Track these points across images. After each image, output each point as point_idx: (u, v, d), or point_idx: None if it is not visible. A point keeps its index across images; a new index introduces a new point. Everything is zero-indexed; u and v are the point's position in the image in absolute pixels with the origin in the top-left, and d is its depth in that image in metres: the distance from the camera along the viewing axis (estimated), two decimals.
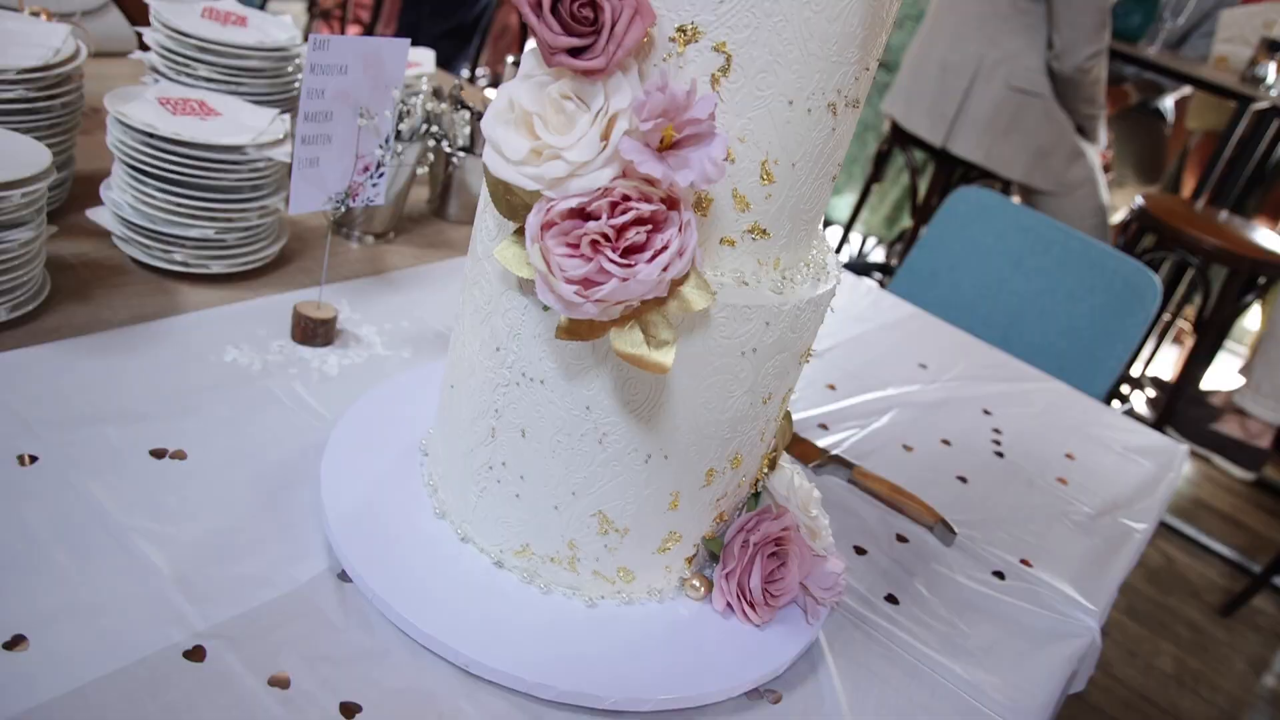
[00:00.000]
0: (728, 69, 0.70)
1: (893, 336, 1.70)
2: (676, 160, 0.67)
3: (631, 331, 0.70)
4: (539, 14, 0.66)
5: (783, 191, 0.76)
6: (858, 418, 1.40)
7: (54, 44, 1.28)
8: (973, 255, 2.34)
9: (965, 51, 3.03)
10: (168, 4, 1.46)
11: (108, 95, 1.23)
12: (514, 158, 0.68)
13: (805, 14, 0.69)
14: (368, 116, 1.09)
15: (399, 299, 1.34)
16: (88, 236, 1.28)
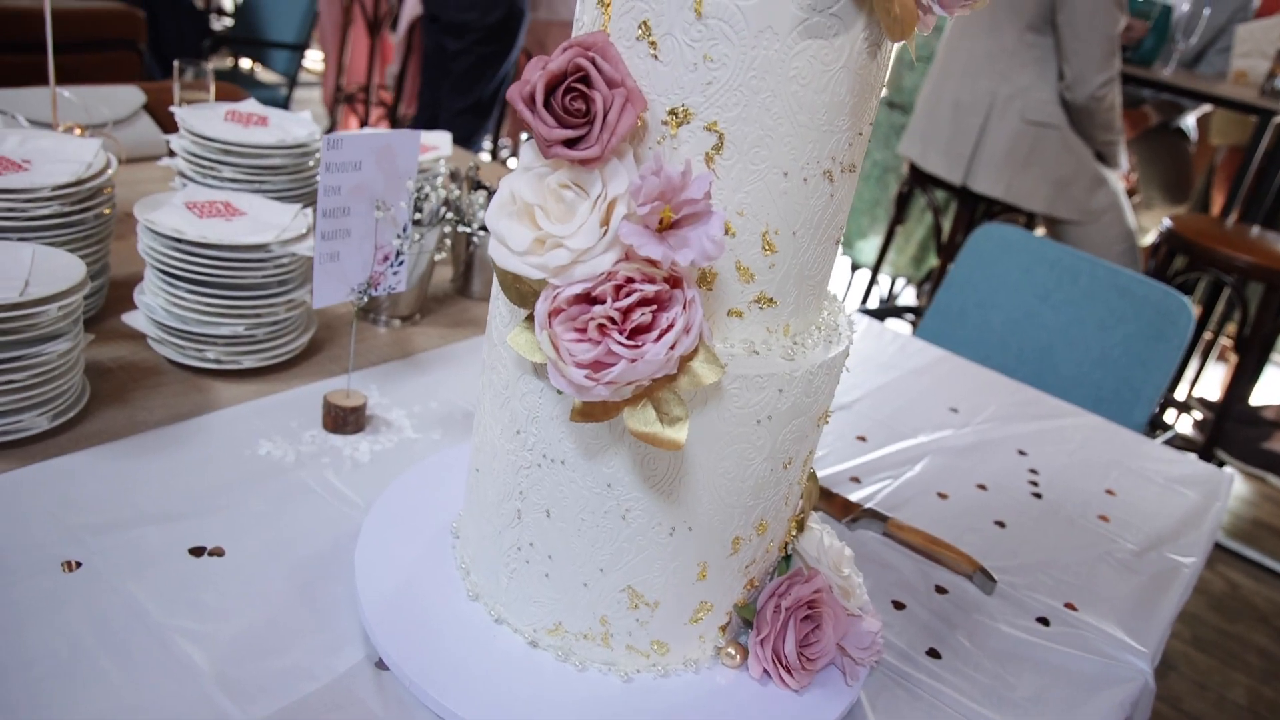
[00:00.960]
0: (721, 147, 0.71)
1: (921, 382, 1.70)
2: (676, 240, 0.69)
3: (644, 410, 0.71)
4: (533, 109, 0.69)
5: (786, 260, 0.77)
6: (890, 468, 1.39)
7: (86, 159, 1.34)
8: (1000, 291, 2.33)
9: (977, 89, 3.04)
10: (193, 110, 1.52)
11: (137, 204, 1.27)
12: (518, 248, 0.70)
13: (792, 88, 0.70)
14: (384, 208, 1.12)
15: (427, 380, 1.37)
16: (124, 339, 1.32)
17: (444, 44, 3.60)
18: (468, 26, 3.49)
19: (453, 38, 3.54)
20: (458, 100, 3.62)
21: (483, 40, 3.53)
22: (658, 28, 0.70)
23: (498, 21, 3.52)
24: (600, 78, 0.68)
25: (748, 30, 0.68)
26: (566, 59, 0.68)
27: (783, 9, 0.68)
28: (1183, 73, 4.01)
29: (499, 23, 3.53)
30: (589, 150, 0.68)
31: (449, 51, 3.58)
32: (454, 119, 3.65)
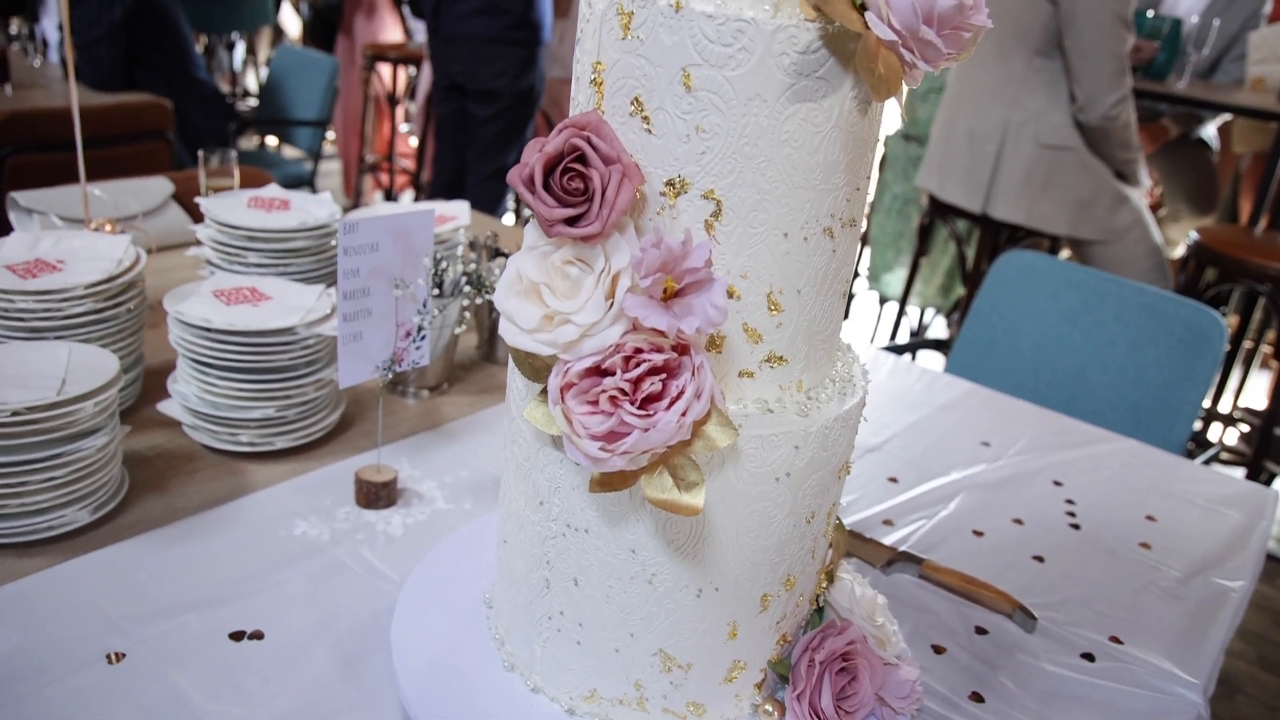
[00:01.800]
0: (719, 213, 0.73)
1: (951, 417, 1.69)
2: (681, 308, 0.70)
3: (661, 477, 0.72)
4: (533, 191, 0.70)
5: (793, 318, 0.78)
6: (923, 508, 1.39)
7: (117, 255, 1.38)
8: (1027, 318, 2.32)
9: (990, 117, 3.05)
10: (217, 200, 1.56)
11: (167, 296, 1.31)
12: (527, 326, 0.72)
13: (785, 152, 0.72)
14: (403, 286, 1.14)
15: (456, 449, 1.38)
16: (160, 427, 1.35)
17: (471, 111, 3.67)
18: (498, 94, 3.57)
19: (481, 104, 3.61)
20: (485, 166, 3.69)
21: (511, 106, 3.61)
22: (649, 102, 0.72)
23: (527, 86, 3.60)
24: (596, 156, 0.70)
25: (737, 99, 0.70)
26: (563, 140, 0.70)
27: (770, 77, 0.70)
28: (1199, 84, 3.99)
29: (528, 88, 3.61)
30: (590, 227, 0.69)
31: (477, 118, 3.65)
32: (481, 184, 3.71)
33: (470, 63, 3.54)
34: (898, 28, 0.68)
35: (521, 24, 3.50)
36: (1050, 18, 2.85)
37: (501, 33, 3.48)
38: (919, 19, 0.68)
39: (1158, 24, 3.76)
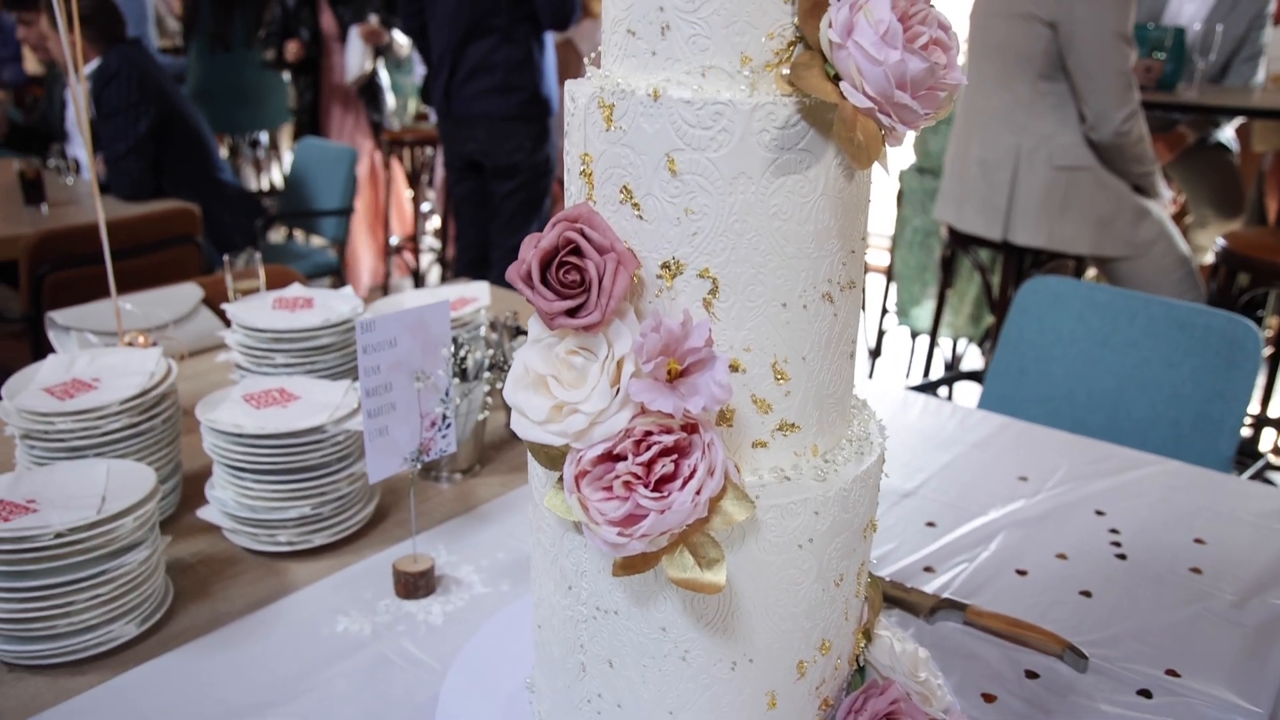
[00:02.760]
0: (716, 290, 0.74)
1: (986, 454, 1.67)
2: (686, 388, 0.71)
3: (682, 556, 0.72)
4: (532, 286, 0.72)
5: (801, 385, 0.79)
6: (963, 551, 1.37)
7: (149, 369, 1.42)
8: (1056, 344, 2.30)
9: (1001, 145, 3.06)
10: (243, 305, 1.60)
11: (199, 405, 1.34)
12: (537, 419, 0.73)
13: (775, 224, 0.73)
14: (424, 378, 1.16)
15: (492, 531, 1.39)
16: (202, 533, 1.38)
17: (491, 188, 3.74)
18: (517, 168, 3.64)
19: (501, 180, 3.69)
20: (509, 239, 3.75)
21: (530, 179, 3.68)
22: (638, 190, 0.74)
23: (543, 159, 3.67)
24: (590, 247, 0.71)
25: (722, 179, 0.71)
26: (557, 234, 0.72)
27: (752, 154, 0.71)
28: (1211, 89, 3.97)
29: (544, 160, 3.68)
30: (590, 317, 0.71)
31: (498, 194, 3.72)
32: (507, 257, 3.77)
33: (487, 141, 3.62)
34: (872, 95, 0.70)
35: (533, 99, 3.58)
36: (1050, 42, 2.87)
37: (516, 109, 3.57)
38: (893, 85, 0.69)
39: (1160, 35, 3.76)
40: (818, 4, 0.72)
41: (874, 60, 0.68)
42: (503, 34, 3.48)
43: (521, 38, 3.51)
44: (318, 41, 5.26)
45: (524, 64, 3.53)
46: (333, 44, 5.28)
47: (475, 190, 3.81)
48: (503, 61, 3.49)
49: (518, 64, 3.52)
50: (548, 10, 3.44)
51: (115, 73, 3.58)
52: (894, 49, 0.68)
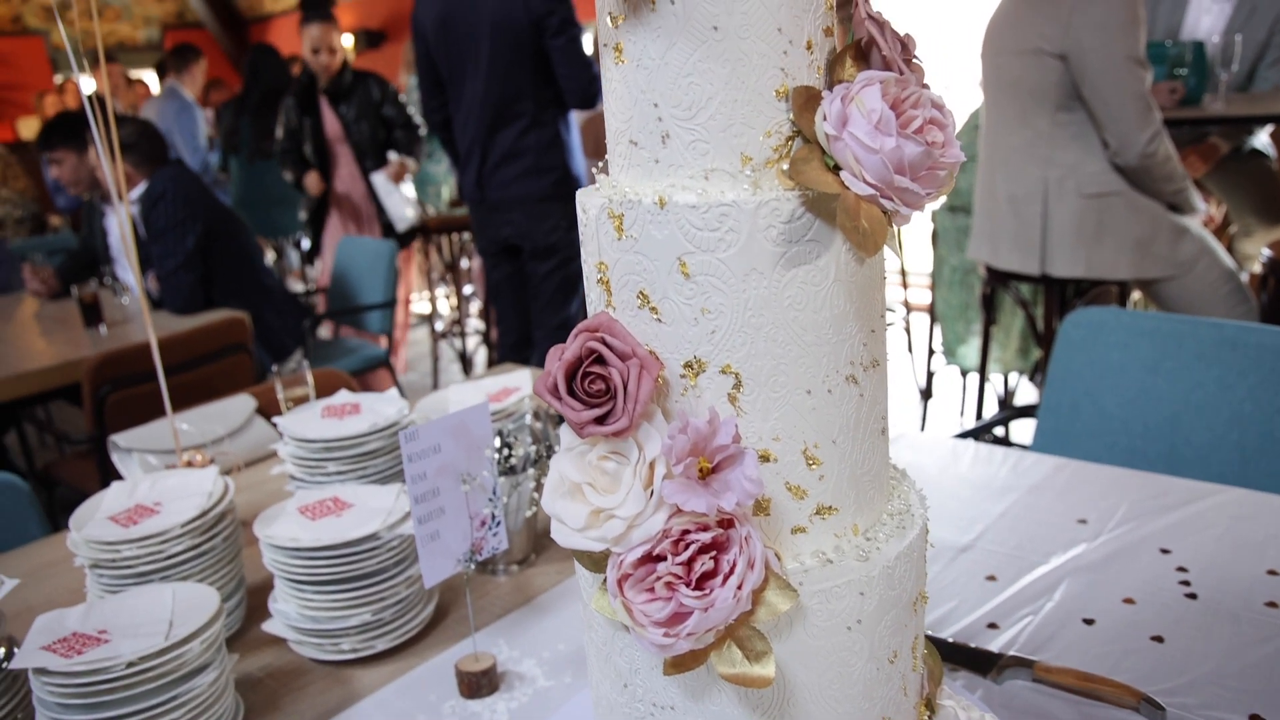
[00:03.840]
0: (740, 385, 0.75)
1: (1043, 499, 1.65)
2: (719, 484, 0.72)
3: (730, 651, 0.73)
4: (560, 398, 0.74)
5: (834, 468, 0.79)
6: (1027, 603, 1.35)
7: (207, 489, 1.46)
8: (1105, 376, 2.27)
9: (1028, 179, 3.05)
10: (293, 416, 1.65)
11: (256, 521, 1.38)
12: (576, 526, 0.74)
13: (791, 315, 0.74)
14: (470, 480, 1.19)
15: (551, 622, 1.40)
16: (268, 646, 1.40)
17: (529, 269, 3.82)
18: (555, 248, 3.72)
19: (540, 261, 3.76)
20: (551, 318, 3.81)
21: (570, 256, 3.75)
22: (654, 294, 0.76)
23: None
24: (613, 354, 0.73)
25: (734, 277, 0.73)
26: (579, 345, 0.74)
27: (762, 250, 0.73)
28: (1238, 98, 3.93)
29: None
30: (618, 423, 0.72)
31: (537, 275, 3.79)
32: (551, 336, 3.82)
33: (524, 224, 3.70)
34: (873, 182, 0.71)
35: (565, 178, 3.67)
36: (1062, 74, 2.87)
37: (550, 190, 3.65)
38: (891, 170, 0.71)
39: (1179, 51, 3.74)
40: (811, 98, 0.74)
41: (870, 149, 0.70)
42: (530, 118, 3.58)
43: (549, 120, 3.60)
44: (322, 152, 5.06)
45: (553, 145, 3.62)
46: (337, 147, 5.07)
47: (513, 273, 3.88)
48: (532, 145, 3.58)
49: (547, 145, 3.61)
50: (574, 93, 3.53)
51: (161, 194, 3.72)
52: (889, 136, 0.70)
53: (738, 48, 0.73)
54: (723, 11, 0.72)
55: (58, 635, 1.17)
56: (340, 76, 4.90)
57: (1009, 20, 3.08)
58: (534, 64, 3.51)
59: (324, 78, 4.88)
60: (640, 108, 0.76)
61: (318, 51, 4.77)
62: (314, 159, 5.03)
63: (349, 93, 4.94)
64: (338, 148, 5.06)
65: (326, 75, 4.87)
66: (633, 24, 0.75)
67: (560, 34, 3.45)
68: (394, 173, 5.00)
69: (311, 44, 4.77)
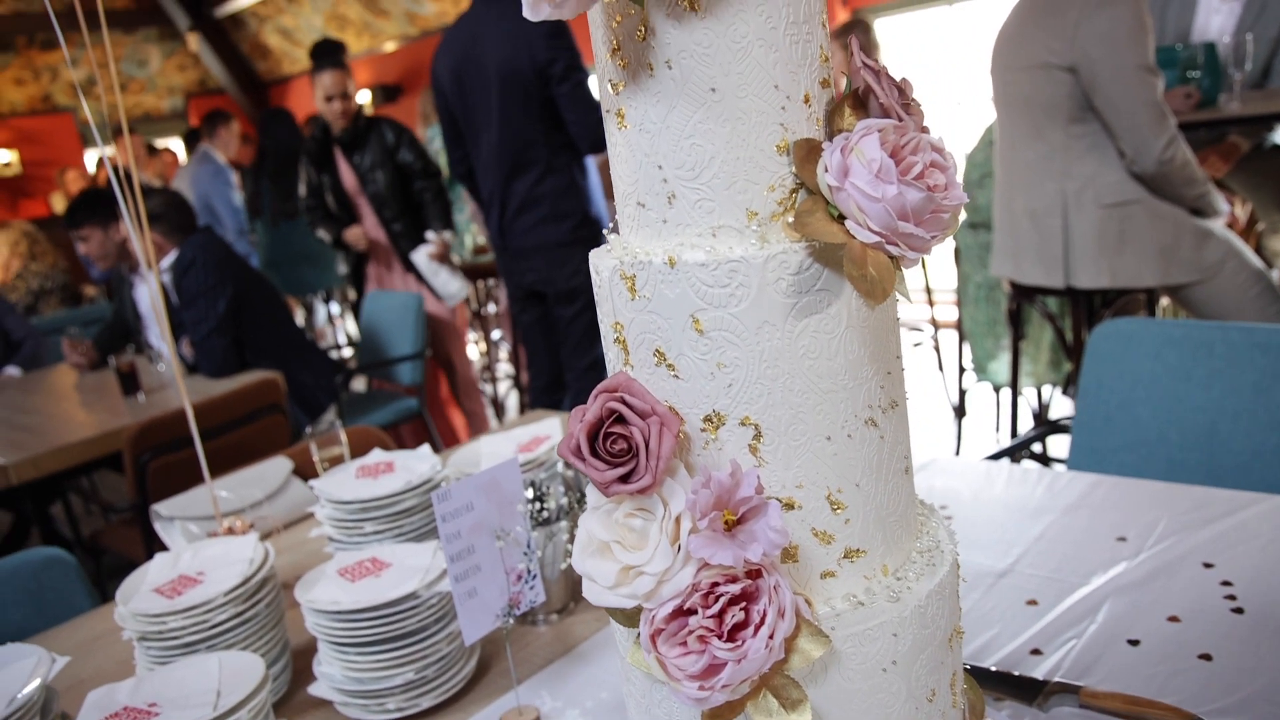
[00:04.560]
0: (760, 435, 0.76)
1: (1080, 519, 1.64)
2: (744, 536, 0.73)
3: (766, 700, 0.73)
4: (583, 459, 0.76)
5: (859, 511, 0.80)
6: (1070, 626, 1.34)
7: (248, 555, 1.48)
8: (1137, 386, 2.25)
9: (1046, 193, 3.04)
10: (328, 479, 1.67)
11: (297, 586, 1.40)
12: (607, 584, 0.75)
13: (806, 364, 0.75)
14: (504, 536, 1.20)
15: (593, 670, 1.40)
16: (315, 709, 1.42)
17: (556, 314, 3.85)
18: (579, 291, 3.75)
19: (565, 305, 3.79)
20: (580, 359, 3.84)
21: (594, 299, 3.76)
22: (670, 351, 0.77)
23: None
24: (633, 413, 0.75)
25: (747, 331, 0.74)
26: (599, 406, 0.76)
27: (773, 303, 0.74)
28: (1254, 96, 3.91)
29: None
30: (642, 481, 0.74)
31: (564, 319, 3.82)
32: (582, 377, 3.85)
33: (546, 269, 3.73)
34: (877, 230, 0.73)
35: (584, 222, 3.69)
36: (1073, 86, 2.87)
37: (569, 235, 3.68)
38: (895, 217, 0.72)
39: (1190, 54, 3.73)
40: (812, 151, 0.76)
41: (872, 198, 0.72)
42: (544, 165, 3.61)
43: (563, 166, 3.63)
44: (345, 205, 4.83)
45: (568, 191, 3.65)
46: (358, 199, 4.83)
47: (540, 318, 3.92)
48: (549, 192, 3.62)
49: (563, 192, 3.64)
50: (583, 139, 3.56)
51: (191, 261, 3.80)
52: (890, 184, 0.72)
53: (736, 107, 0.74)
54: (719, 73, 0.74)
55: (109, 711, 1.19)
56: (353, 124, 4.68)
57: (1015, 36, 3.09)
58: (543, 111, 3.54)
59: (337, 126, 4.69)
60: (645, 170, 0.78)
61: (331, 99, 4.57)
62: (340, 214, 4.86)
63: (362, 140, 4.72)
64: (358, 200, 4.87)
65: (341, 123, 4.66)
66: (633, 90, 0.77)
67: (565, 80, 3.47)
68: (437, 253, 4.68)
69: (324, 92, 4.57)
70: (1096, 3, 2.84)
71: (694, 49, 0.74)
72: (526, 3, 0.72)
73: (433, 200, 4.76)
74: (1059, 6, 2.93)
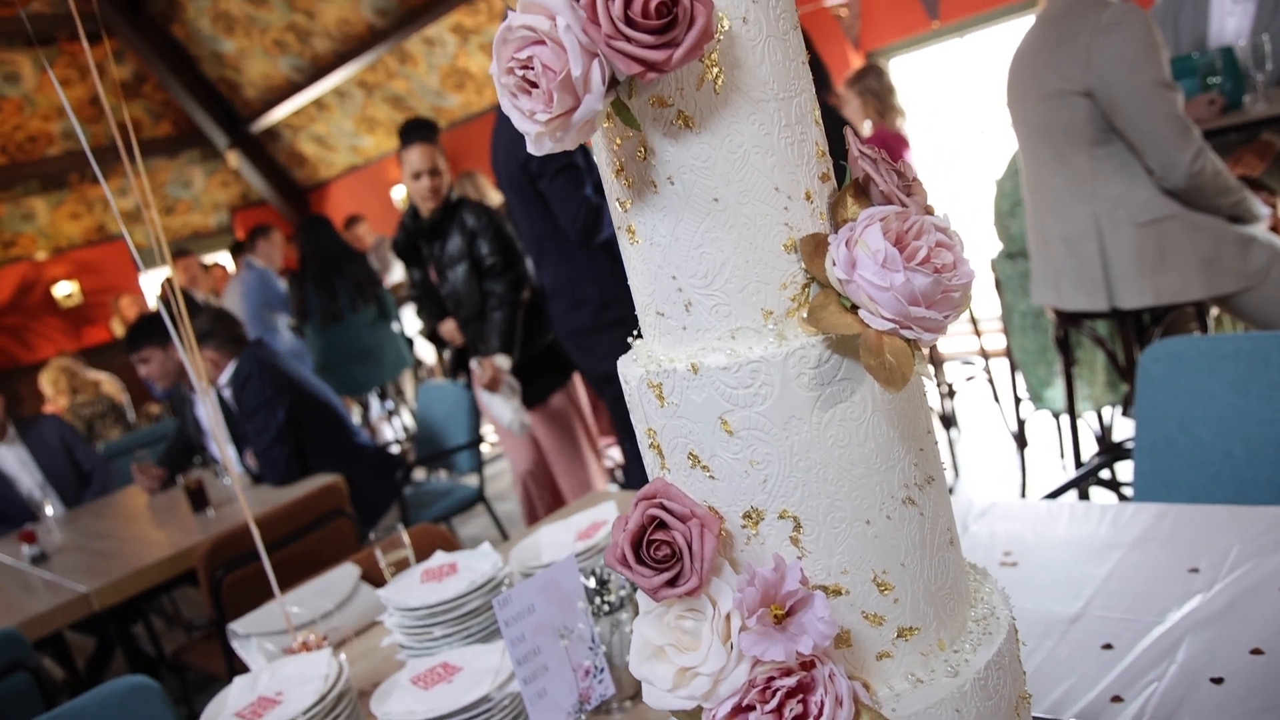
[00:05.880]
0: (800, 526, 0.78)
1: (1149, 552, 1.61)
2: (794, 628, 0.74)
3: None
4: (630, 568, 0.78)
5: (907, 589, 0.81)
6: (1150, 669, 1.31)
7: (323, 672, 1.51)
8: (1194, 405, 2.21)
9: (1078, 218, 3.03)
10: (394, 586, 1.71)
11: (373, 699, 1.42)
12: (665, 687, 0.77)
13: (836, 453, 0.77)
14: (567, 634, 1.22)
15: None
16: None
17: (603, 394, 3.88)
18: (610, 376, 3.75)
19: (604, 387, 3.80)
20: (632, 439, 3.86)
21: None
22: (703, 454, 0.79)
23: None
24: (673, 518, 0.77)
25: (775, 428, 0.76)
26: (640, 514, 0.78)
27: (796, 397, 0.76)
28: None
29: None
30: (689, 584, 0.75)
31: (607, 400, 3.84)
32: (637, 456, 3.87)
33: (579, 355, 3.75)
34: (890, 317, 0.74)
35: (603, 306, 3.60)
36: (1091, 110, 2.88)
37: (591, 321, 3.63)
38: (905, 304, 0.74)
39: (1209, 60, 3.71)
40: (819, 246, 0.78)
41: (881, 287, 0.74)
42: (557, 255, 3.59)
43: (571, 253, 3.60)
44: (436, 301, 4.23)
45: (582, 277, 3.60)
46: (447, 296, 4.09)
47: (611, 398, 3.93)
48: (565, 281, 3.62)
49: (577, 279, 3.61)
50: (570, 231, 3.45)
51: (249, 374, 3.92)
52: (896, 272, 0.74)
53: (740, 214, 0.77)
54: (720, 184, 0.77)
55: None
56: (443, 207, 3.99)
57: (1028, 66, 3.11)
58: (541, 204, 3.54)
59: (427, 208, 3.98)
60: (660, 281, 0.81)
61: (419, 176, 3.91)
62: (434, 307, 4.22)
63: (443, 227, 4.01)
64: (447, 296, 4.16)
65: (430, 203, 3.96)
66: (640, 206, 0.80)
67: (542, 176, 3.41)
68: (485, 382, 3.92)
69: (412, 169, 3.93)
70: (1105, 26, 2.85)
71: (693, 164, 0.77)
72: (529, 139, 0.76)
73: (497, 308, 3.98)
74: (1068, 33, 2.94)
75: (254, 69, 9.93)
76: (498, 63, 0.75)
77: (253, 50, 9.62)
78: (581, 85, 0.72)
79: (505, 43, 0.75)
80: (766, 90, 0.77)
